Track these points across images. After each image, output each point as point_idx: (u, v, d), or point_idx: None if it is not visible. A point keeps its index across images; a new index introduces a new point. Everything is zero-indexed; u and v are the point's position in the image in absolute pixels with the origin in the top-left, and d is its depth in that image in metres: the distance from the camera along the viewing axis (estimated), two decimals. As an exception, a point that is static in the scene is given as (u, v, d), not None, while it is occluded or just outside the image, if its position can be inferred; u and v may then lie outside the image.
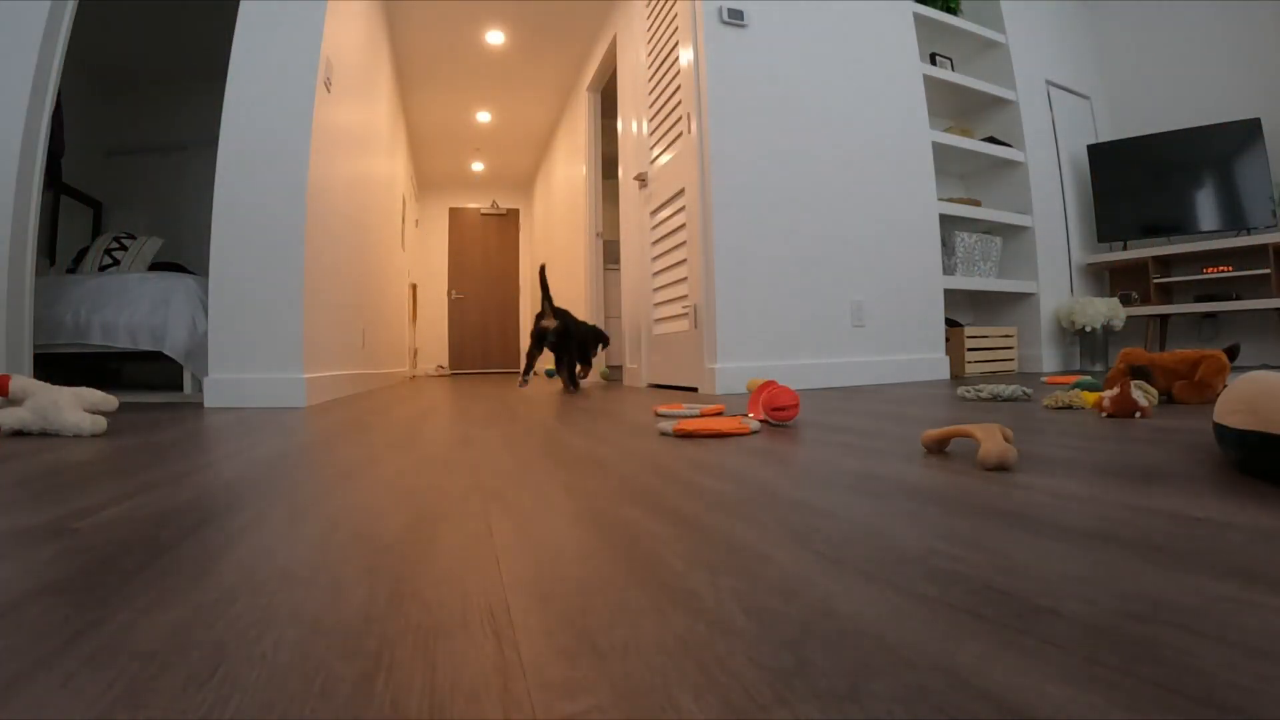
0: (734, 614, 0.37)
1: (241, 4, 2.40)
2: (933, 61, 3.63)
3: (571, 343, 3.06)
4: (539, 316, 3.04)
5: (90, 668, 0.32)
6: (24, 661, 0.33)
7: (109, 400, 1.49)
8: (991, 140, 3.63)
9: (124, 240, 3.49)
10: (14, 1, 2.43)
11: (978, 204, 3.59)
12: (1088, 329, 3.52)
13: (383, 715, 0.27)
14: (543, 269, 3.09)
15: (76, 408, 1.40)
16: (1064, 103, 3.97)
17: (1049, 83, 3.91)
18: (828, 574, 0.44)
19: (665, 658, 0.32)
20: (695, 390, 2.73)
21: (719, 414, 1.55)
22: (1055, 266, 3.71)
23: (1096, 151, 3.83)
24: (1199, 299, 3.48)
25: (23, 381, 1.40)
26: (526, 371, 3.09)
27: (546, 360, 6.35)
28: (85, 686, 0.30)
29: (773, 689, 0.28)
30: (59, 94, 2.62)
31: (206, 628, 0.37)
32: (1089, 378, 1.75)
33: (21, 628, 0.37)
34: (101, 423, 1.41)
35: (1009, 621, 0.35)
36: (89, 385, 1.70)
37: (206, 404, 2.27)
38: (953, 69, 3.72)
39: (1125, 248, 3.81)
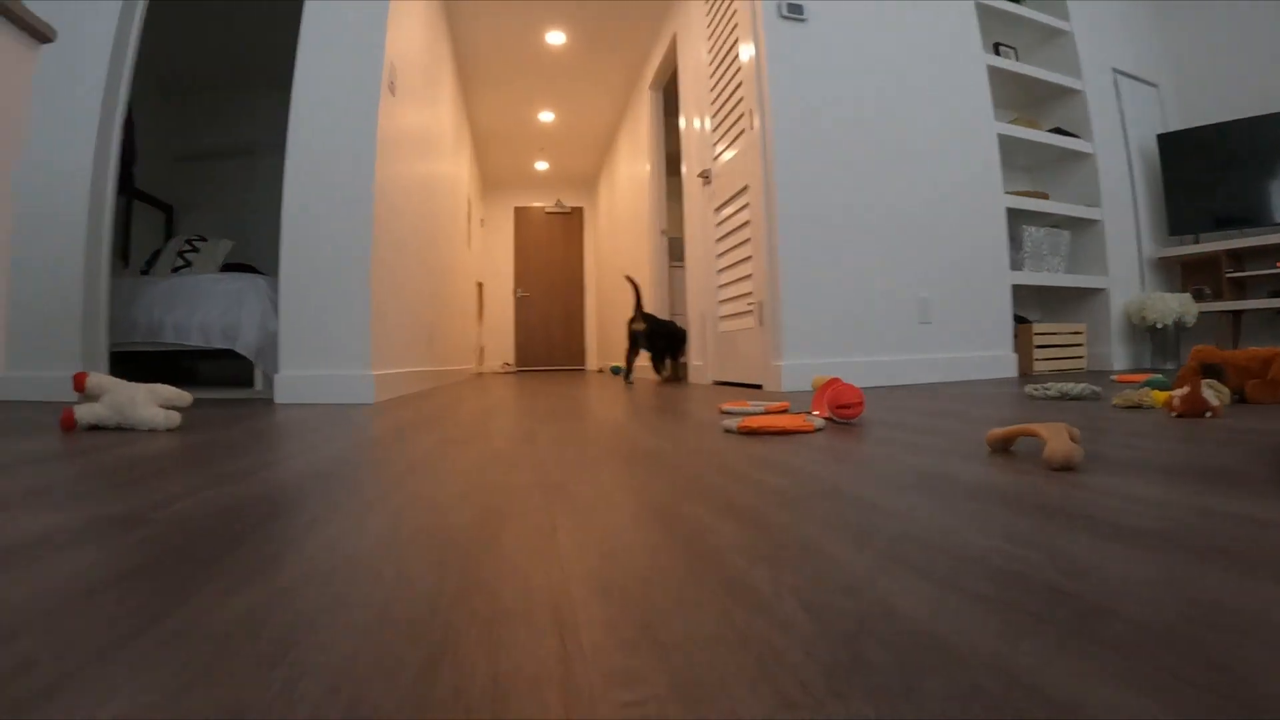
0: (793, 610, 0.37)
1: (305, 11, 2.43)
2: (996, 51, 3.52)
3: (657, 340, 3.69)
4: (630, 321, 3.68)
5: (166, 649, 0.33)
6: (103, 641, 0.34)
7: (183, 396, 1.51)
8: (1058, 131, 3.51)
9: (196, 242, 3.59)
10: (83, 14, 2.51)
11: (1045, 197, 3.46)
12: (1158, 325, 3.38)
13: (447, 699, 0.28)
14: (630, 278, 3.86)
15: (151, 404, 1.42)
16: (1131, 91, 3.82)
17: (1115, 71, 3.76)
18: (887, 572, 0.43)
19: (723, 650, 0.32)
20: (760, 387, 2.70)
21: (783, 411, 1.54)
22: (1125, 261, 3.57)
23: (1166, 141, 3.68)
24: (1274, 294, 3.32)
25: (99, 378, 1.42)
26: (628, 372, 3.69)
27: (611, 358, 6.44)
28: (161, 666, 0.31)
29: (828, 684, 0.28)
30: (129, 103, 2.70)
31: (277, 613, 0.38)
32: (1159, 376, 1.71)
33: (101, 610, 0.38)
34: (176, 418, 1.42)
35: (1067, 623, 0.34)
36: (163, 382, 1.75)
37: (277, 400, 2.31)
38: (1017, 59, 3.61)
39: (1197, 241, 3.65)
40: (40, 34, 1.49)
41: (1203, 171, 3.52)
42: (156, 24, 3.85)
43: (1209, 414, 1.24)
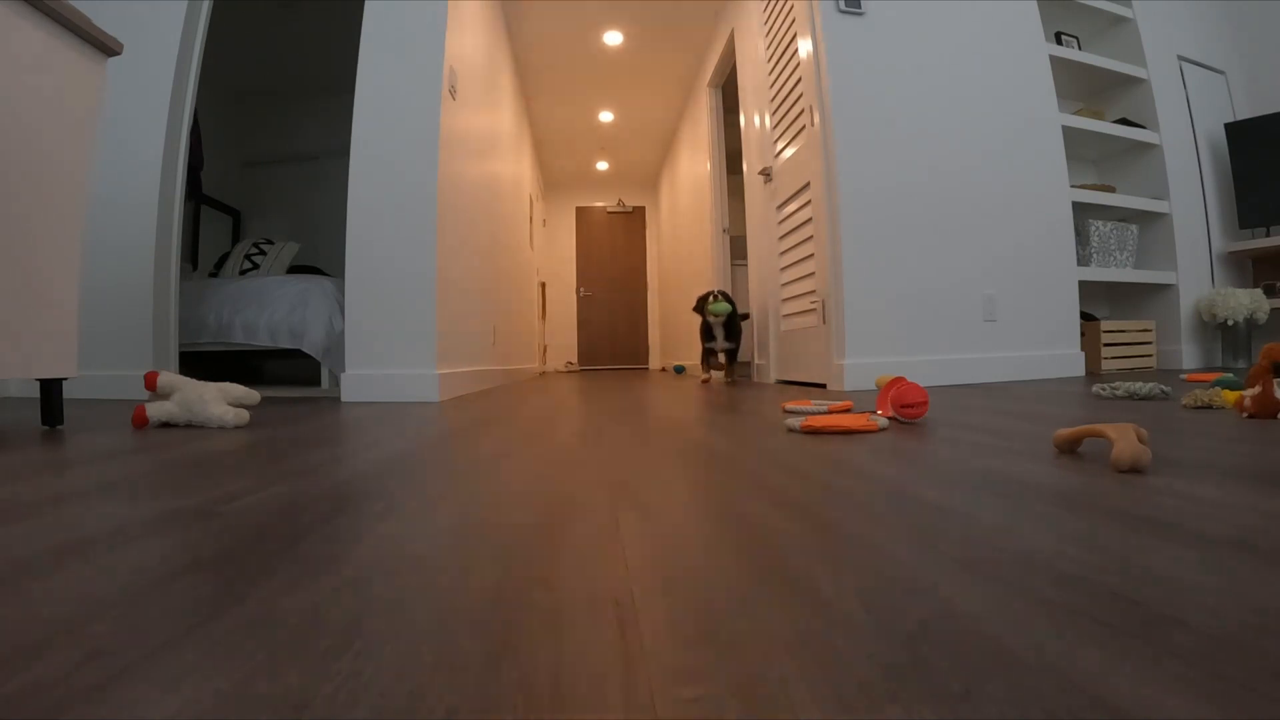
0: (854, 610, 0.36)
1: (365, 21, 2.40)
2: (1058, 41, 3.31)
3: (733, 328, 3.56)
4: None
5: (234, 637, 0.33)
6: (174, 630, 0.34)
7: (251, 395, 1.50)
8: (1124, 122, 3.30)
9: (263, 245, 3.59)
10: (149, 27, 2.52)
11: (1112, 190, 3.25)
12: (1229, 322, 3.15)
13: (509, 690, 0.28)
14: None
15: (220, 402, 1.41)
16: (1198, 79, 3.56)
17: (1181, 58, 3.51)
18: (950, 574, 0.41)
19: (783, 650, 0.31)
20: (824, 386, 2.58)
21: (847, 410, 1.49)
22: (1194, 255, 3.34)
23: (1235, 130, 3.42)
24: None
25: (169, 377, 1.42)
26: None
27: (673, 357, 6.37)
28: (228, 654, 0.31)
29: (887, 685, 0.27)
30: (195, 111, 2.69)
31: (343, 605, 0.37)
32: (1230, 375, 1.61)
33: (171, 600, 0.38)
34: (244, 416, 1.41)
35: (1132, 629, 0.32)
36: (232, 381, 1.72)
37: (343, 398, 2.29)
38: (1079, 48, 3.39)
39: (1269, 234, 3.39)
40: (107, 48, 1.48)
41: (1273, 161, 3.27)
42: (221, 34, 3.86)
43: (1282, 415, 1.15)
